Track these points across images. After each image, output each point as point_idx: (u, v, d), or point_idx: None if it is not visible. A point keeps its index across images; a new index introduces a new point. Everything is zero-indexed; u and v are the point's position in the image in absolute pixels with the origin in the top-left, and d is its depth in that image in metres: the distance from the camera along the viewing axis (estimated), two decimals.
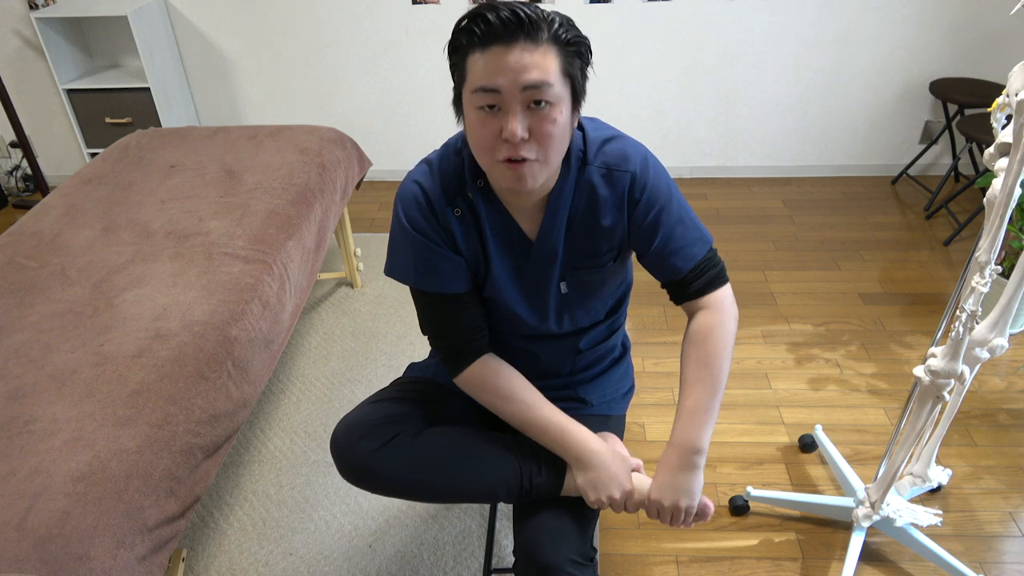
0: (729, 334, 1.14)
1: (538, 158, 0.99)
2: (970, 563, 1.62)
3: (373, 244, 2.95)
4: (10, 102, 3.05)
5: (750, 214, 3.09)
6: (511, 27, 0.93)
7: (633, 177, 1.11)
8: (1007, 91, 1.14)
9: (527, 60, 0.94)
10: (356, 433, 1.17)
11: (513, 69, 0.94)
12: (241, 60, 3.25)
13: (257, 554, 1.70)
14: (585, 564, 1.13)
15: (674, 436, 1.13)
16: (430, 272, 1.13)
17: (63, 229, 1.92)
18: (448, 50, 1.01)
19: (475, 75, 0.97)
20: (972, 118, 2.73)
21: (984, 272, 1.21)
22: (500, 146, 0.99)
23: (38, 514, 1.14)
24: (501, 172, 1.01)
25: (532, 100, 0.96)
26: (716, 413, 1.13)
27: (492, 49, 0.94)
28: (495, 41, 0.94)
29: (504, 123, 0.97)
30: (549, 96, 0.96)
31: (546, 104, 0.97)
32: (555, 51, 0.96)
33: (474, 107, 0.99)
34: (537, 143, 0.98)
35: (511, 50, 0.94)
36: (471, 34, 0.95)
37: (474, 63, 0.96)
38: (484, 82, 0.95)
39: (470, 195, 1.12)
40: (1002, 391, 2.10)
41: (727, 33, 3.03)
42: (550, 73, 0.95)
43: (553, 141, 0.99)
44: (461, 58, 0.99)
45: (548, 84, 0.95)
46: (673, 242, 1.14)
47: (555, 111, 0.98)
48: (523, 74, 0.94)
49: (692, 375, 1.13)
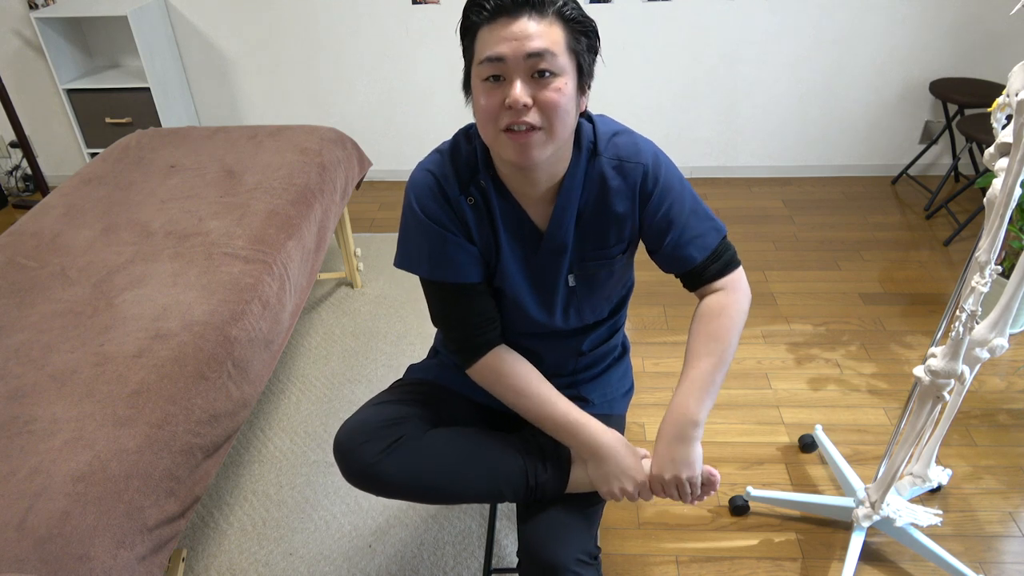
0: (742, 312, 1.15)
1: (542, 126, 0.99)
2: (970, 563, 1.62)
3: (373, 244, 2.95)
4: (10, 102, 3.05)
5: (750, 214, 3.09)
6: (519, 1, 0.96)
7: (645, 170, 1.12)
8: (1007, 91, 1.14)
9: (531, 30, 0.96)
10: (360, 437, 1.17)
11: (517, 37, 0.96)
12: (241, 60, 3.25)
13: (257, 554, 1.70)
14: (590, 563, 1.13)
15: (673, 406, 1.12)
16: (443, 261, 1.13)
17: (63, 229, 1.92)
18: (460, 31, 1.03)
19: (481, 47, 0.99)
20: (972, 118, 2.73)
21: (984, 272, 1.21)
22: (503, 114, 0.99)
23: (38, 514, 1.14)
24: (504, 143, 1.01)
25: (536, 70, 0.97)
26: (717, 389, 1.13)
27: (499, 21, 0.97)
28: (502, 13, 0.97)
29: (508, 91, 0.98)
30: (553, 66, 0.97)
31: (550, 74, 0.98)
32: (560, 25, 0.98)
33: (480, 80, 1.00)
34: (540, 111, 0.99)
35: (516, 20, 0.96)
36: (480, 10, 0.98)
37: (481, 37, 0.99)
38: (488, 51, 0.97)
39: (482, 183, 1.12)
40: (1002, 391, 2.10)
41: (727, 33, 3.03)
42: (554, 43, 0.97)
43: (558, 110, 0.99)
44: (471, 38, 1.01)
45: (551, 53, 0.97)
46: (688, 232, 1.14)
47: (559, 81, 0.98)
48: (527, 42, 0.96)
49: (700, 348, 1.14)
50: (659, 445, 1.13)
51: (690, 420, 1.10)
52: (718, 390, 1.14)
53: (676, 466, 1.11)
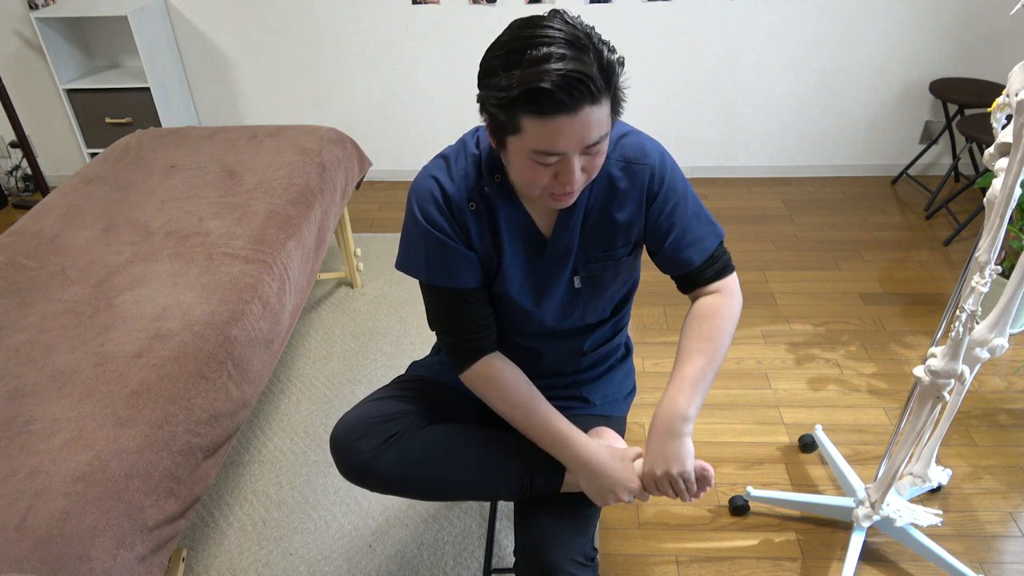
0: (735, 315, 1.17)
1: (583, 185, 1.02)
2: (970, 563, 1.62)
3: (373, 244, 2.95)
4: (10, 102, 3.05)
5: (750, 214, 3.09)
6: (578, 98, 0.88)
7: (652, 171, 1.12)
8: (1007, 91, 1.14)
9: (592, 120, 0.91)
10: (355, 432, 1.17)
11: (578, 132, 0.91)
12: (241, 60, 3.25)
13: (257, 554, 1.70)
14: (586, 564, 1.13)
15: (664, 402, 1.13)
16: (441, 267, 1.13)
17: (63, 229, 1.92)
18: (491, 99, 0.92)
19: (533, 137, 0.92)
20: (972, 118, 2.73)
21: (984, 272, 1.21)
22: (553, 185, 0.99)
23: (38, 514, 1.14)
24: (546, 200, 1.03)
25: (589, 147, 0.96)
26: (708, 387, 1.14)
27: (557, 119, 0.89)
28: (560, 112, 0.88)
29: (561, 172, 0.96)
30: (603, 141, 0.97)
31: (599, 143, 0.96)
32: (609, 97, 0.93)
33: (525, 154, 0.95)
34: (587, 176, 1.00)
35: (576, 118, 0.89)
36: (532, 104, 0.88)
37: (531, 125, 0.91)
38: (545, 146, 0.92)
39: (487, 190, 1.12)
40: (1002, 391, 2.10)
41: (727, 33, 3.03)
42: (607, 121, 0.95)
43: (597, 169, 1.01)
44: (511, 115, 0.91)
45: (605, 134, 0.96)
46: (689, 235, 1.16)
47: (605, 143, 0.98)
48: (587, 135, 0.92)
49: (693, 345, 1.15)
50: (650, 442, 1.14)
51: (680, 415, 1.10)
52: (708, 389, 1.15)
53: (667, 462, 1.11)
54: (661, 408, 1.13)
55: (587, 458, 1.15)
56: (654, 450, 1.12)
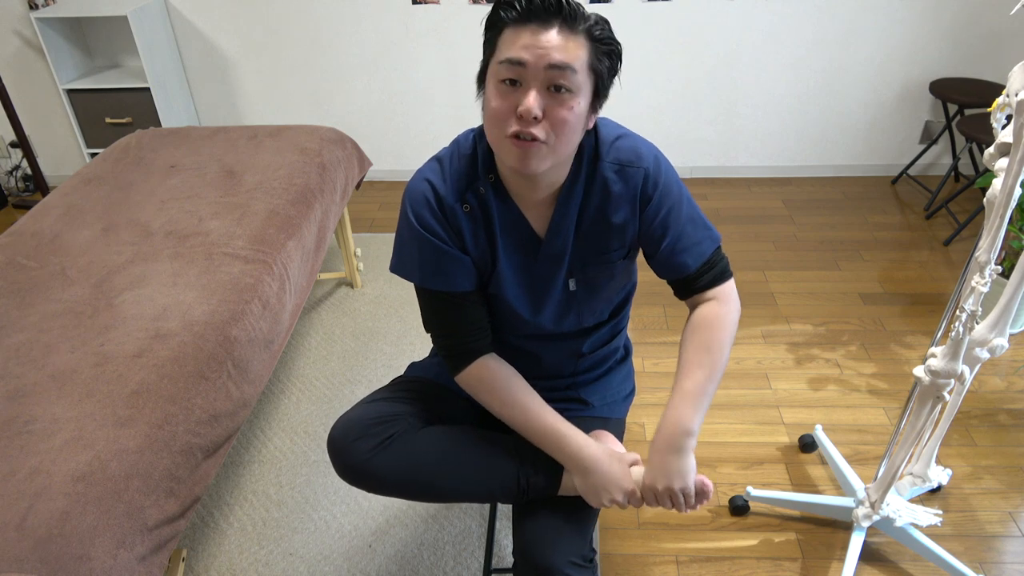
0: (733, 324, 1.16)
1: (547, 140, 1.00)
2: (970, 563, 1.62)
3: (373, 244, 2.95)
4: (10, 102, 3.05)
5: (750, 214, 3.09)
6: (551, 10, 0.96)
7: (646, 174, 1.12)
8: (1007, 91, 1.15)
9: (557, 41, 0.96)
10: (352, 433, 1.17)
11: (542, 46, 0.96)
12: (241, 60, 3.25)
13: (257, 554, 1.70)
14: (584, 565, 1.13)
15: (667, 417, 1.12)
16: (435, 271, 1.13)
17: (63, 229, 1.92)
18: (486, 23, 1.03)
19: (505, 47, 0.99)
20: (972, 118, 2.73)
21: (984, 272, 1.21)
22: (512, 120, 0.99)
23: (38, 514, 1.14)
24: (507, 148, 1.01)
25: (553, 83, 0.97)
26: (710, 399, 1.13)
27: (528, 26, 0.97)
28: (533, 19, 0.97)
29: (522, 99, 0.98)
30: (571, 83, 0.97)
31: (566, 91, 0.98)
32: (586, 43, 0.99)
33: (496, 79, 1.00)
34: (550, 125, 0.99)
35: (545, 29, 0.96)
36: (511, 9, 0.98)
37: (506, 36, 0.99)
38: (511, 54, 0.97)
39: (481, 189, 1.12)
40: (1002, 391, 2.10)
41: (727, 33, 3.03)
42: (576, 59, 0.97)
43: (566, 129, 1.00)
44: (496, 33, 1.01)
45: (572, 69, 0.97)
46: (684, 240, 1.15)
47: (573, 100, 0.98)
48: (551, 52, 0.96)
49: (693, 358, 1.14)
50: (652, 456, 1.13)
51: (684, 431, 1.10)
52: (710, 401, 1.14)
53: (669, 477, 1.11)
54: (664, 422, 1.12)
55: (583, 454, 1.15)
56: (656, 464, 1.12)
